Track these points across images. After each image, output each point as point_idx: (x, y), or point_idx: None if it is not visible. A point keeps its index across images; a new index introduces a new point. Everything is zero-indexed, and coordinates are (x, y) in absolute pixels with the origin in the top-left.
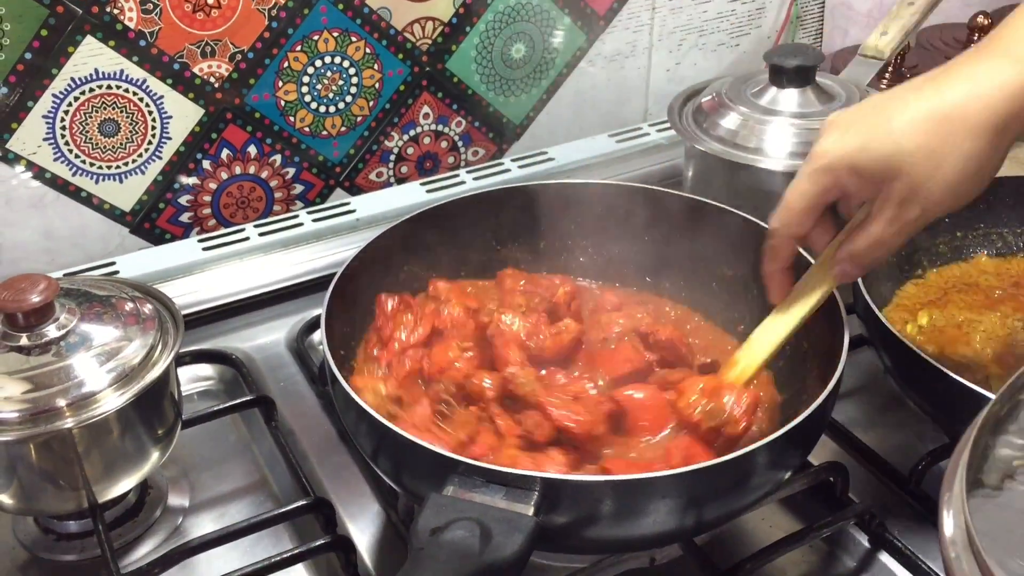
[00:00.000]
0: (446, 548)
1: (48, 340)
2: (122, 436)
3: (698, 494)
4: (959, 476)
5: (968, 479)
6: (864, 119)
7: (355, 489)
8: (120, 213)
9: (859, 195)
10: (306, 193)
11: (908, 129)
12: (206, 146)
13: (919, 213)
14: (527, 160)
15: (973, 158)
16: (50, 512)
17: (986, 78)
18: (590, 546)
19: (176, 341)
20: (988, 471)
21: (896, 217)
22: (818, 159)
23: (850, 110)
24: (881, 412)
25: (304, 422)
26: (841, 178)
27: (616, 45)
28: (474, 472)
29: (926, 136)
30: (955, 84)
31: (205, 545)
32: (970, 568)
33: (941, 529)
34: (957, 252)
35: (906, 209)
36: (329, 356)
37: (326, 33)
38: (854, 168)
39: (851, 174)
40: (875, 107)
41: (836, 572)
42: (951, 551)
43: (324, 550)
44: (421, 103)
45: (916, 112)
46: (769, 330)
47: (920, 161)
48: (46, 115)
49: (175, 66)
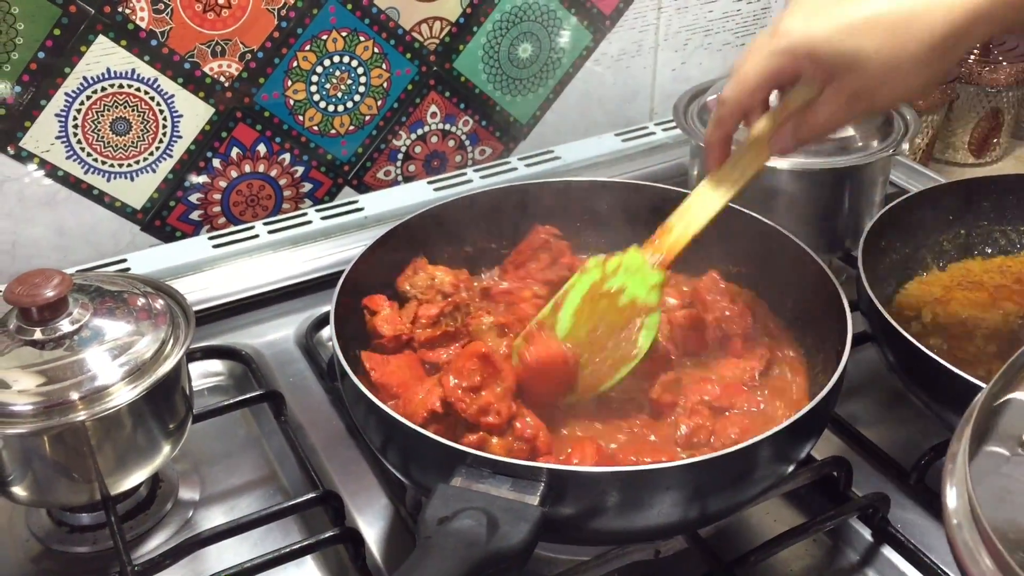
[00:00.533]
0: (453, 537)
1: (61, 334)
2: (134, 429)
3: (702, 485)
4: (962, 448)
5: (971, 451)
6: (828, 10)
7: (363, 483)
8: (131, 211)
9: (812, 79)
10: (315, 191)
11: (872, 27)
12: (216, 145)
13: (867, 107)
14: (534, 159)
15: (926, 65)
16: (63, 504)
17: None
18: (595, 537)
19: (187, 336)
20: (990, 444)
21: (845, 107)
22: (781, 38)
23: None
24: (885, 408)
25: (313, 417)
26: (799, 60)
27: (622, 45)
28: (481, 463)
29: (885, 37)
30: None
31: (216, 537)
32: (971, 536)
33: (944, 501)
34: (961, 250)
35: (856, 102)
36: (339, 350)
37: (335, 33)
38: (813, 55)
39: (810, 60)
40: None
41: (839, 566)
42: (953, 519)
43: (333, 542)
44: (429, 102)
45: (878, 12)
46: (705, 199)
47: (877, 62)
48: (59, 114)
49: (186, 65)
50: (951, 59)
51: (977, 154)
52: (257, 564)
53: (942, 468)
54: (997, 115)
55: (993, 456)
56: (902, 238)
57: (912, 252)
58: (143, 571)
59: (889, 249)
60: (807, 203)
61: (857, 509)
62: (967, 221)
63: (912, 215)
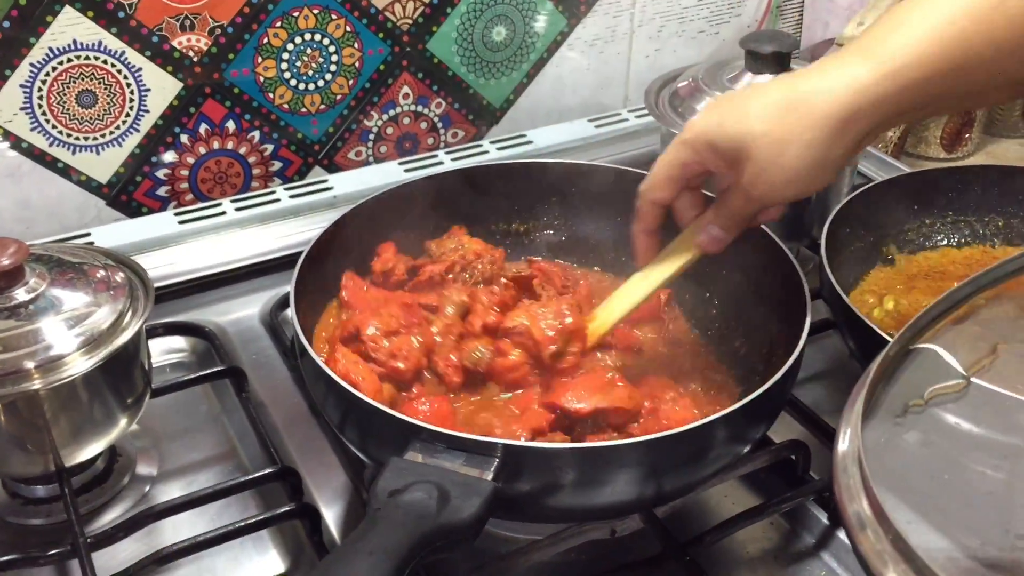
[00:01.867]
0: (403, 509)
1: (17, 303)
2: (90, 401)
3: (658, 463)
4: (862, 396)
5: (869, 400)
6: (730, 101)
7: (323, 461)
8: (97, 185)
9: (718, 171)
10: (284, 170)
11: (760, 113)
12: (184, 120)
13: (764, 192)
14: (506, 143)
15: (814, 147)
16: (17, 475)
17: (836, 72)
18: (550, 514)
19: (146, 308)
20: (890, 394)
21: (746, 195)
22: (684, 132)
23: (728, 94)
24: (846, 395)
25: (275, 395)
26: (700, 152)
27: (597, 30)
28: (436, 438)
29: (774, 123)
30: (809, 76)
31: (171, 510)
32: (855, 482)
33: (836, 443)
34: (925, 239)
35: (754, 188)
36: (298, 327)
37: (306, 10)
38: (711, 144)
39: (708, 149)
40: (744, 92)
41: (795, 548)
42: (840, 461)
43: (289, 517)
44: (401, 83)
45: (769, 99)
46: (630, 290)
47: (765, 145)
48: (23, 84)
49: (154, 39)
50: (843, 144)
51: (949, 149)
52: (212, 537)
53: None
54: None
55: (890, 407)
56: (866, 227)
57: (876, 241)
58: (95, 543)
59: (853, 237)
60: None
61: (814, 492)
62: (931, 211)
63: (877, 204)
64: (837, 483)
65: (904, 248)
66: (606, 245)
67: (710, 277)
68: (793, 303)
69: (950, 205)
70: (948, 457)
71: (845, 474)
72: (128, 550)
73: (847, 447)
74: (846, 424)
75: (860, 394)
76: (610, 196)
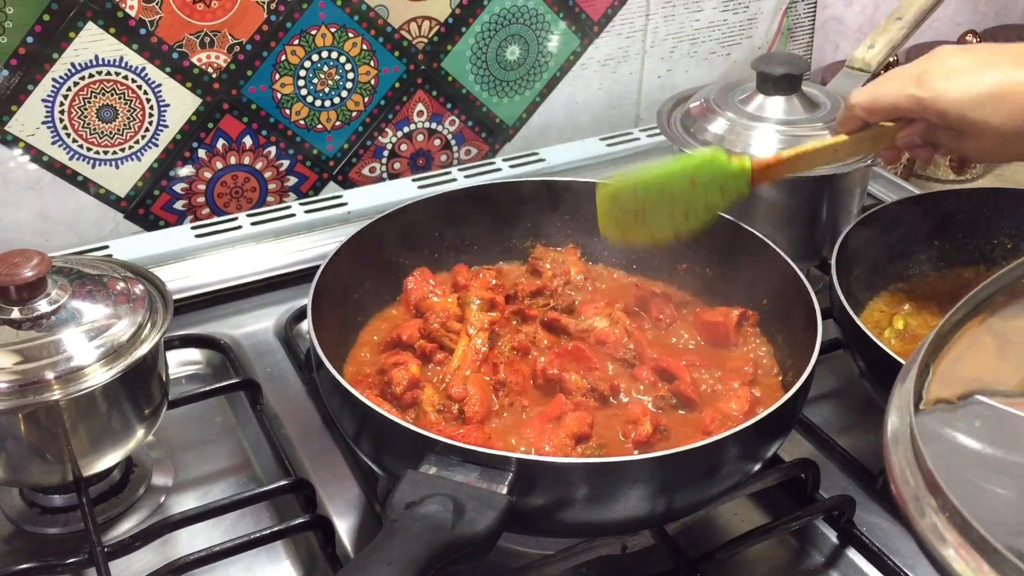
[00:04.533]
0: (419, 521)
1: (39, 314)
2: (108, 411)
3: (669, 479)
4: (912, 374)
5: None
6: (969, 73)
7: (337, 473)
8: (115, 198)
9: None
10: (299, 185)
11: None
12: (202, 135)
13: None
14: (518, 160)
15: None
16: (36, 484)
17: None
18: (563, 529)
19: (165, 321)
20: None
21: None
22: (925, 90)
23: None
24: (855, 415)
25: (289, 407)
26: (928, 113)
27: (609, 50)
28: (451, 451)
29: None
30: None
31: (187, 521)
32: (907, 458)
33: (886, 422)
34: (936, 260)
35: (965, 151)
36: (315, 340)
37: (324, 28)
38: (943, 115)
39: (938, 117)
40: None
41: (805, 566)
42: (892, 440)
43: (303, 528)
44: (416, 101)
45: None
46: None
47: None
48: (45, 99)
49: (174, 55)
50: None
51: (958, 171)
52: (227, 548)
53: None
54: None
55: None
56: (877, 247)
57: (886, 262)
58: (112, 552)
59: (863, 258)
60: (785, 210)
61: (823, 511)
62: (941, 233)
63: (887, 225)
64: (888, 460)
65: (914, 269)
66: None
67: (723, 295)
68: (804, 322)
69: (960, 227)
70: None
71: (896, 450)
72: (143, 560)
73: (898, 424)
74: (898, 400)
75: (911, 370)
76: None
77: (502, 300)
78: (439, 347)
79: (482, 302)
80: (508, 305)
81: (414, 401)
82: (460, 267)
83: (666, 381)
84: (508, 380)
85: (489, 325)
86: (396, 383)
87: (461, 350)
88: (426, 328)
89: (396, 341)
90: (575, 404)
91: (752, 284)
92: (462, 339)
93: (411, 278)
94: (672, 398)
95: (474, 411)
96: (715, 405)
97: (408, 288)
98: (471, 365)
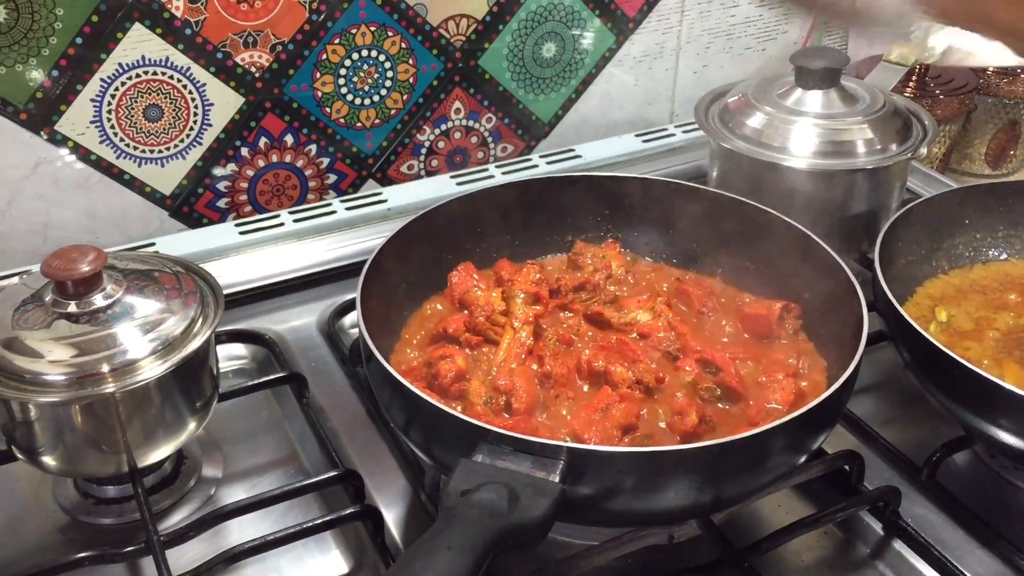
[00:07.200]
0: (476, 507)
1: (95, 308)
2: (162, 404)
3: (716, 469)
4: None
5: None
6: None
7: (383, 464)
8: (160, 196)
9: None
10: (339, 183)
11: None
12: (245, 134)
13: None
14: (555, 157)
15: None
16: (91, 474)
17: None
18: (612, 518)
19: (216, 316)
20: None
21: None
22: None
23: None
24: (899, 407)
25: (334, 400)
26: None
27: (645, 47)
28: (502, 441)
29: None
30: None
31: (239, 511)
32: None
33: None
34: (976, 253)
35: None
36: (365, 332)
37: (364, 27)
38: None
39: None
40: None
41: (850, 558)
42: None
43: (353, 519)
44: (453, 98)
45: None
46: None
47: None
48: (94, 99)
49: (218, 55)
50: None
51: (993, 165)
52: (280, 537)
53: (954, 465)
54: (1015, 127)
55: None
56: (918, 240)
57: (928, 254)
58: (168, 541)
59: (905, 251)
60: (825, 203)
61: (868, 502)
62: (982, 225)
63: (929, 218)
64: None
65: (955, 262)
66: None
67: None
68: (847, 315)
69: (1000, 220)
70: None
71: None
72: (195, 550)
73: None
74: None
75: None
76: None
77: (546, 294)
78: (484, 340)
79: (526, 296)
80: (551, 299)
81: (461, 393)
82: (503, 262)
83: (710, 373)
84: (553, 372)
85: (534, 318)
86: (443, 375)
87: (507, 343)
88: (472, 321)
89: (442, 334)
90: (621, 396)
91: (793, 277)
92: (507, 332)
93: (455, 272)
94: (717, 390)
95: (521, 402)
96: (760, 397)
97: (452, 282)
98: (516, 358)
